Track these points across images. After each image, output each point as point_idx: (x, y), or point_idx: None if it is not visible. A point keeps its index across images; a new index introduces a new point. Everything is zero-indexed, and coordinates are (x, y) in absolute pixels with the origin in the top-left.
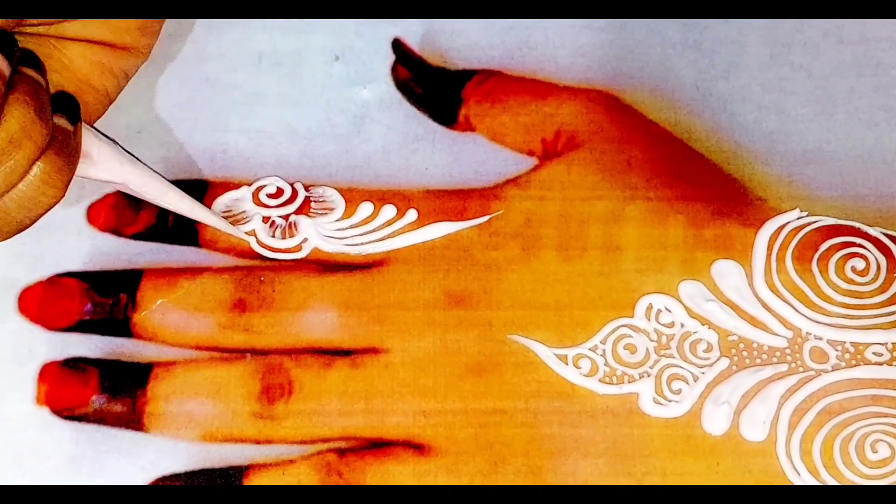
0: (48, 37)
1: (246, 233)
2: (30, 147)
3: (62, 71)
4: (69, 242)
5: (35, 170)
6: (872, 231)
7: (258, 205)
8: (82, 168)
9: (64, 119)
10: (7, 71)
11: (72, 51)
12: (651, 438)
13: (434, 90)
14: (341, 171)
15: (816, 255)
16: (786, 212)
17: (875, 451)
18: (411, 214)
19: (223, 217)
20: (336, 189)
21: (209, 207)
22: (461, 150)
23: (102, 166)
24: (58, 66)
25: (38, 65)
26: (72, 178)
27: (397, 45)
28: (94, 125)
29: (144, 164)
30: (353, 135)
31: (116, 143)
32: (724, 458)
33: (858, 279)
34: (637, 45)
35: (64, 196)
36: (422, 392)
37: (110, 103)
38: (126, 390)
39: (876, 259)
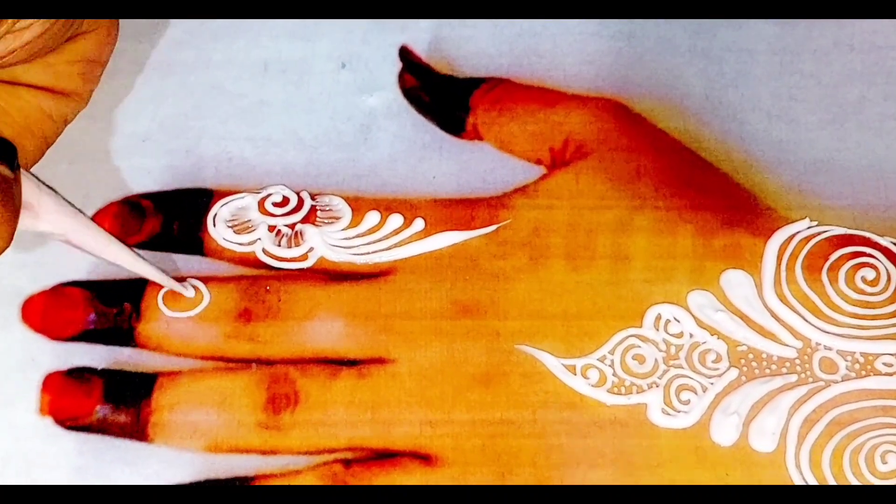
0: None
1: (252, 242)
2: None
3: (0, 116)
4: (73, 251)
5: None
6: (883, 241)
7: (264, 213)
8: (22, 220)
9: (3, 166)
10: None
11: (11, 95)
12: (660, 449)
13: (441, 98)
14: (348, 180)
15: (826, 265)
16: (795, 221)
17: (885, 462)
18: (418, 223)
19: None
20: (342, 198)
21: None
22: (469, 159)
23: (44, 218)
24: None
25: None
26: (16, 227)
27: (404, 53)
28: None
29: (84, 213)
30: (359, 143)
31: (56, 192)
32: (734, 469)
33: (869, 289)
34: (645, 53)
35: (9, 247)
36: (428, 402)
37: (47, 148)
38: (130, 400)
39: (886, 269)
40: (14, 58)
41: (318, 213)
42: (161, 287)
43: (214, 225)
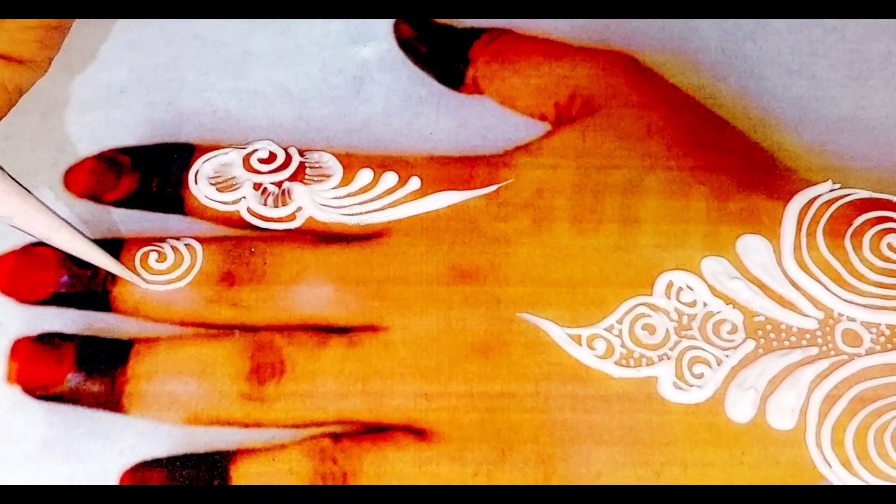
0: None
1: (236, 200)
2: None
3: None
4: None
5: None
6: None
7: (249, 170)
8: None
9: None
10: None
11: None
12: (671, 426)
13: (440, 49)
14: (339, 136)
15: (850, 231)
16: (817, 184)
17: None
18: (414, 182)
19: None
20: (333, 154)
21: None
22: (468, 114)
23: None
24: None
25: None
26: None
27: None
28: None
29: (34, 195)
30: (351, 96)
31: (2, 170)
32: (750, 448)
33: (895, 256)
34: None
35: None
36: (424, 373)
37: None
38: (104, 368)
39: None
40: None
41: (307, 170)
42: (139, 248)
43: (196, 182)
